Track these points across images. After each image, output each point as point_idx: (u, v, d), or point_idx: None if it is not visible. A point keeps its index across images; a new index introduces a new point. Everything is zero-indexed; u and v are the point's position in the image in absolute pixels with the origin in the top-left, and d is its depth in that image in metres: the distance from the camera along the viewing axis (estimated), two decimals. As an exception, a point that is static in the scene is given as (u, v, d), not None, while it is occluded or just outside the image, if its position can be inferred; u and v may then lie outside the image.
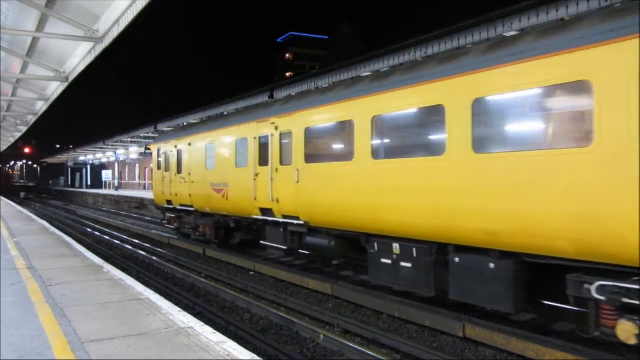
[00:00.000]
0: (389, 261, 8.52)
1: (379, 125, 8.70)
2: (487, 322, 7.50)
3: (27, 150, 76.10)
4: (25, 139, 52.98)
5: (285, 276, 11.58)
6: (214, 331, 5.44)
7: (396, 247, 8.38)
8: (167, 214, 18.56)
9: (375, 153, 8.67)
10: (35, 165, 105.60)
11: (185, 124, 26.64)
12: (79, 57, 13.85)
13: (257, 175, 12.07)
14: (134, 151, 48.84)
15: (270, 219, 11.68)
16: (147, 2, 9.44)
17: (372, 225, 8.69)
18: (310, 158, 10.36)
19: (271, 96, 19.91)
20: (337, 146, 10.29)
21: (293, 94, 16.05)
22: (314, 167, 10.21)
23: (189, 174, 15.85)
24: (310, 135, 10.45)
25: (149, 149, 39.09)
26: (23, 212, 26.24)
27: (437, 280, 7.78)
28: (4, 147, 47.45)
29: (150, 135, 37.84)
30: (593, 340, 6.99)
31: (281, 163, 11.24)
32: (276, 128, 11.41)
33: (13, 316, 5.97)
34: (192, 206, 15.88)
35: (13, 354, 4.71)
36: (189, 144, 16.03)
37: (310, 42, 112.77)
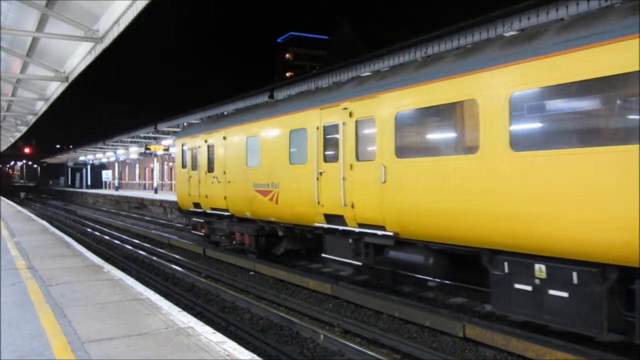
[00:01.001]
0: (527, 287, 6.51)
1: (529, 105, 6.49)
2: (487, 322, 7.50)
3: (27, 150, 76.12)
4: (25, 139, 53.03)
5: (285, 276, 11.57)
6: (214, 331, 5.44)
7: (540, 269, 6.38)
8: (194, 219, 16.22)
9: (518, 142, 6.44)
10: (35, 165, 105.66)
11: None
12: (79, 57, 13.86)
13: (320, 173, 9.97)
14: (134, 151, 48.86)
15: (341, 227, 9.54)
16: (147, 2, 9.45)
17: (504, 239, 6.66)
18: (404, 151, 8.21)
19: (271, 96, 19.92)
20: (449, 135, 7.90)
21: (369, 73, 14.31)
22: (410, 163, 8.05)
23: (224, 172, 13.72)
24: (403, 122, 8.25)
25: (149, 149, 39.24)
26: (23, 212, 26.25)
27: (610, 316, 5.87)
28: (4, 147, 47.51)
29: (150, 135, 37.89)
30: (593, 340, 7.00)
31: (357, 158, 9.12)
32: (350, 114, 9.26)
33: (13, 316, 5.96)
34: (227, 210, 13.73)
35: (13, 354, 4.71)
36: (224, 138, 13.81)
37: (310, 42, 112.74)
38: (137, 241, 19.59)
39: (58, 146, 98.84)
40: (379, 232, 8.67)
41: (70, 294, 7.15)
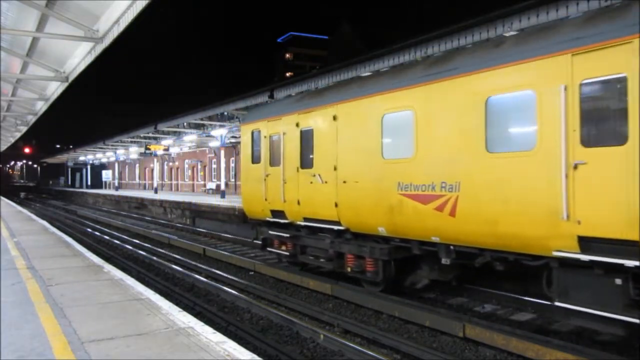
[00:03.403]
0: None
1: None
2: (487, 322, 7.51)
3: (27, 150, 76.15)
4: (25, 139, 53.03)
5: (285, 276, 11.57)
6: (214, 331, 5.44)
7: None
8: (271, 232, 12.00)
9: None
10: (35, 165, 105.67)
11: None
12: (79, 57, 13.85)
13: (575, 167, 6.06)
14: (134, 151, 48.87)
15: (630, 263, 5.56)
16: (147, 2, 9.44)
17: None
18: None
19: (271, 96, 19.92)
20: None
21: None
22: None
23: (334, 168, 9.77)
24: None
25: (149, 149, 39.21)
26: (23, 212, 26.24)
27: None
28: (4, 147, 47.49)
29: (150, 135, 37.86)
30: (593, 340, 7.01)
31: None
32: None
33: (13, 316, 5.96)
34: (337, 222, 9.79)
35: (13, 354, 4.71)
36: (334, 118, 9.82)
37: (310, 42, 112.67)
38: (137, 241, 19.60)
39: (58, 146, 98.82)
40: None
41: (70, 294, 7.14)
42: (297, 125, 10.93)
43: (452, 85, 7.60)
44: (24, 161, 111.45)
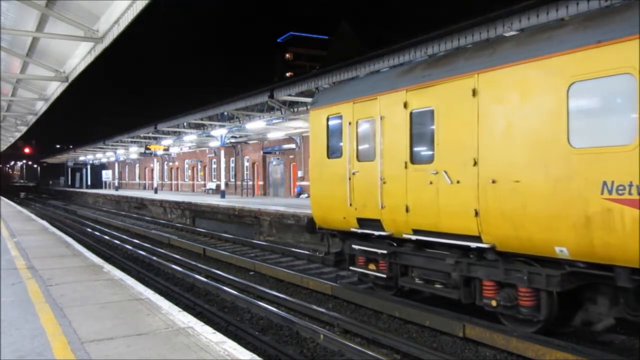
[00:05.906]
0: None
1: None
2: (487, 322, 7.50)
3: (27, 150, 76.21)
4: (25, 139, 53.08)
5: (285, 276, 11.58)
6: (214, 331, 5.44)
7: None
8: (356, 246, 9.44)
9: None
10: (35, 165, 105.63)
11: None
12: (79, 57, 13.85)
13: None
14: (134, 151, 48.88)
15: None
16: (147, 2, 9.45)
17: None
18: None
19: (271, 96, 19.96)
20: None
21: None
22: None
23: (474, 162, 7.03)
24: None
25: (149, 149, 39.22)
26: (23, 212, 26.23)
27: None
28: (4, 147, 47.49)
29: (150, 135, 37.87)
30: (593, 340, 7.01)
31: None
32: None
33: (13, 316, 5.96)
34: (475, 237, 7.09)
35: (13, 354, 4.70)
36: (473, 93, 7.09)
37: (310, 42, 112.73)
38: (137, 241, 19.61)
39: (58, 146, 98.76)
40: None
41: (70, 293, 7.14)
42: (406, 105, 8.25)
43: None
44: (24, 161, 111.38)
